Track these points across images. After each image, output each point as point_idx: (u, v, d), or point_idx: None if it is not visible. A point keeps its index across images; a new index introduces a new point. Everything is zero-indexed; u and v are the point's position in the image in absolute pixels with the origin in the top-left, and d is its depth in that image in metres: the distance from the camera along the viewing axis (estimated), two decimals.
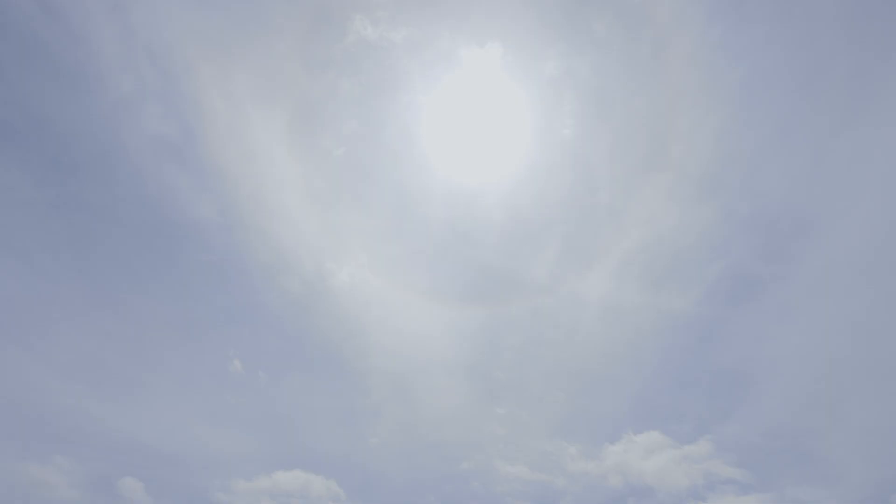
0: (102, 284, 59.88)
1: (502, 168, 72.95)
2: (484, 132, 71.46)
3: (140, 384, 60.31)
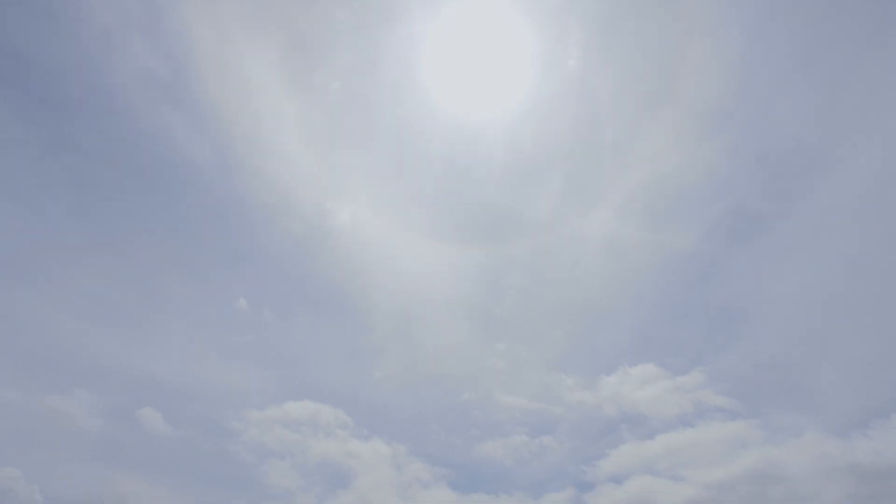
0: (105, 227, 59.99)
1: (505, 102, 70.57)
2: (486, 65, 68.41)
3: (151, 323, 62.06)
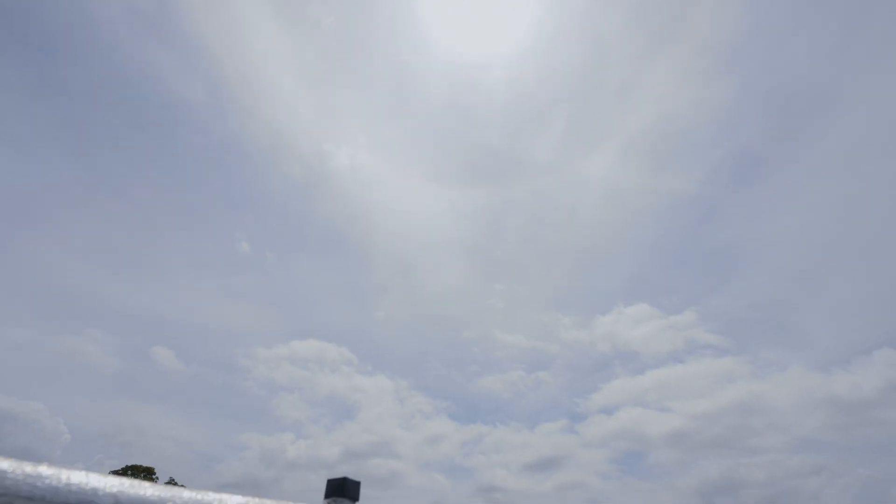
0: (103, 169, 59.41)
1: (507, 40, 67.66)
2: (487, 0, 64.81)
3: (156, 265, 63.12)
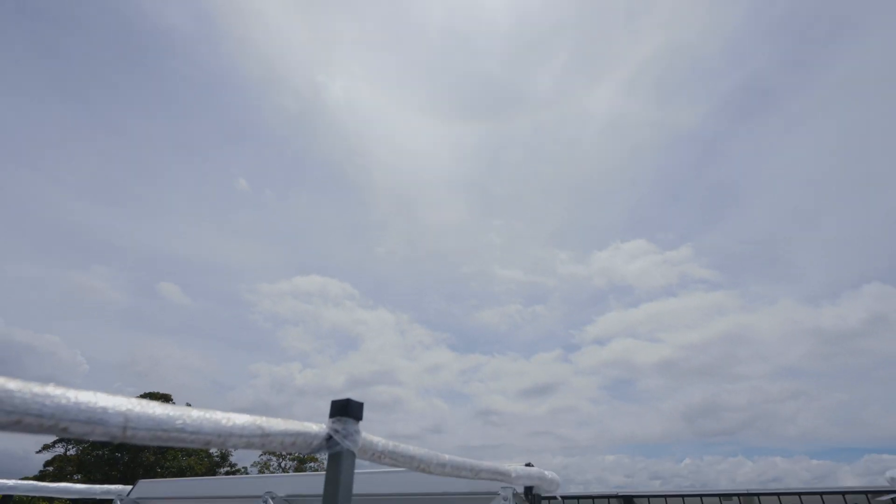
0: (91, 105, 57.36)
1: None
2: None
3: (156, 202, 62.76)
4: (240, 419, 0.74)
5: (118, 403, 0.59)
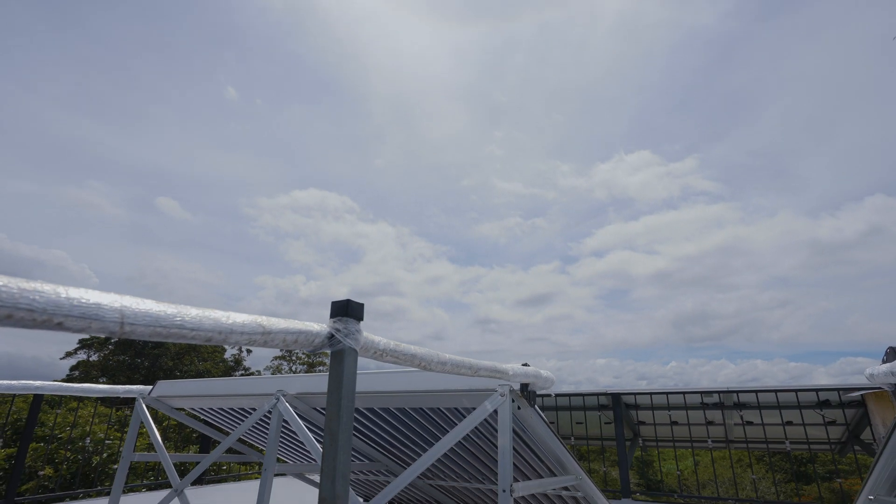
0: (63, 7, 52.83)
1: None
2: None
3: (144, 114, 60.38)
4: (240, 317, 0.74)
5: (113, 300, 0.58)
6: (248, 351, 32.86)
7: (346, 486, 0.91)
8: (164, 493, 4.23)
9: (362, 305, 0.98)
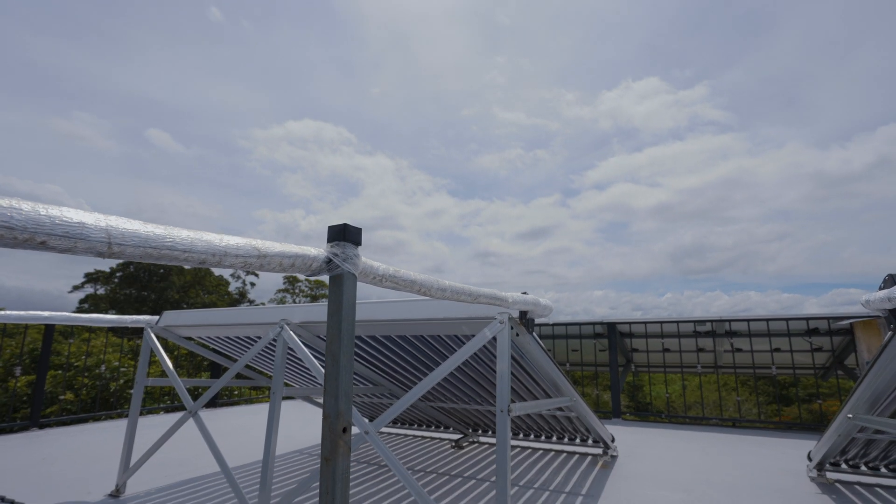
0: None
1: None
2: None
3: (125, 38, 57.16)
4: (234, 240, 0.72)
5: (97, 219, 0.56)
6: (252, 284, 33.48)
7: (349, 405, 0.94)
8: (180, 414, 4.46)
9: (360, 230, 0.96)
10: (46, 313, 3.60)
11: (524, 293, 1.97)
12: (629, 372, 7.51)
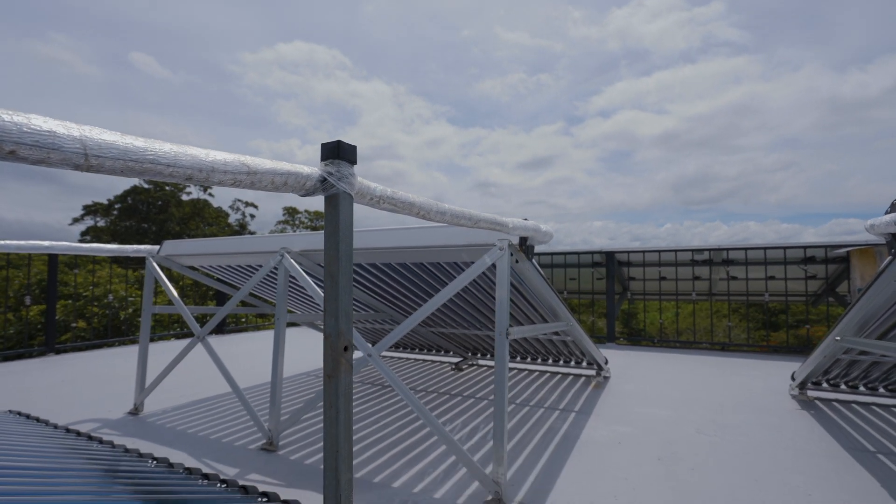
0: None
1: None
2: None
3: None
4: (220, 155, 0.68)
5: (70, 128, 0.52)
6: (252, 216, 33.44)
7: (349, 324, 0.95)
8: (189, 340, 4.62)
9: (355, 148, 0.92)
10: (47, 243, 3.61)
11: (525, 219, 1.95)
12: (625, 299, 7.69)
